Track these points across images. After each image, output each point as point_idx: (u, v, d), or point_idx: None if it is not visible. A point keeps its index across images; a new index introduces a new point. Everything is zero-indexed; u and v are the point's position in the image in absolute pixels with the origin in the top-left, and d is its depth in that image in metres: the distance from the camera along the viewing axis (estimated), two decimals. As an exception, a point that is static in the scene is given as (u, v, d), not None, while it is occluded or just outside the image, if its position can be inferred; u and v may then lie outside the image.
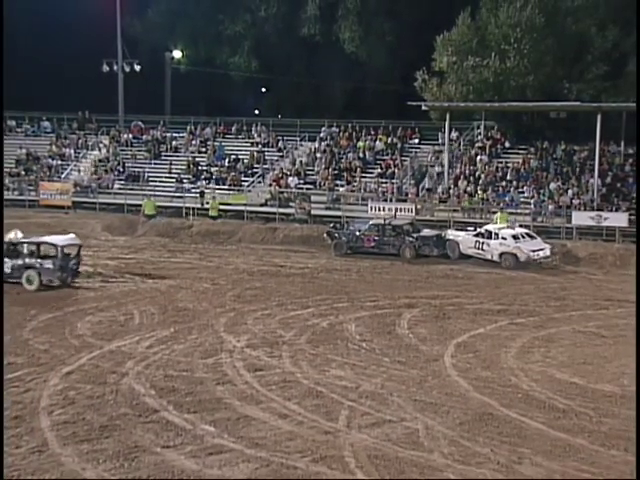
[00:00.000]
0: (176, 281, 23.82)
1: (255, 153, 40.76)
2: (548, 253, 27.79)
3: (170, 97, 53.31)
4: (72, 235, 24.62)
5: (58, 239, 23.33)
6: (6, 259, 22.11)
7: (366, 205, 34.19)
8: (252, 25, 52.00)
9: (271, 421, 12.59)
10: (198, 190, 37.65)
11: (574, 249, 29.25)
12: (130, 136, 44.09)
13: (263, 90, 57.14)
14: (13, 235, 22.92)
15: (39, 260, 22.26)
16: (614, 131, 34.53)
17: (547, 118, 38.30)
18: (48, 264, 22.20)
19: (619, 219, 30.45)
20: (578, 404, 13.45)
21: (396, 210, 32.66)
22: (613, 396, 13.94)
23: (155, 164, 41.80)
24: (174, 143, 43.11)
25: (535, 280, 25.34)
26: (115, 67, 46.71)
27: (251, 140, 42.62)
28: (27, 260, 22.21)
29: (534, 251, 27.37)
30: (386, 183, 36.43)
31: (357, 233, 29.94)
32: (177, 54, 54.46)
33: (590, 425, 12.47)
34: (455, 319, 19.78)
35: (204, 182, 38.92)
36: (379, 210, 32.80)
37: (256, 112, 54.66)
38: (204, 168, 40.36)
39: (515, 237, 27.64)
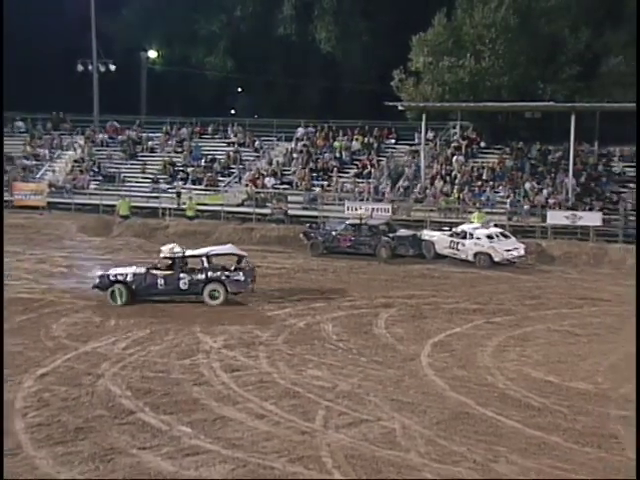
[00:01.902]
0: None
1: (231, 153, 40.63)
2: (522, 252, 27.98)
3: (146, 97, 53.03)
4: (230, 244, 23.97)
5: (231, 249, 22.54)
6: (182, 274, 20.81)
7: (343, 205, 34.23)
8: (228, 25, 51.89)
9: (248, 422, 12.57)
10: (174, 190, 37.48)
11: (549, 248, 29.50)
12: (105, 136, 43.79)
13: (239, 90, 57.04)
14: (173, 249, 21.41)
15: (226, 272, 21.12)
16: (588, 131, 34.84)
17: (522, 118, 38.58)
18: (237, 276, 21.11)
19: (593, 218, 30.72)
20: (553, 402, 13.55)
21: (372, 210, 32.71)
22: (587, 394, 14.07)
23: (131, 164, 41.56)
24: (150, 143, 42.89)
25: (510, 279, 25.51)
26: (90, 67, 46.35)
27: (227, 140, 42.49)
28: (210, 274, 20.97)
29: (508, 251, 27.56)
30: (362, 183, 36.46)
31: (333, 233, 29.98)
32: (152, 54, 54.16)
33: (564, 423, 12.58)
34: (431, 318, 19.87)
35: (180, 182, 38.73)
36: (356, 210, 32.81)
37: (232, 112, 54.51)
38: (180, 168, 40.17)
39: (489, 237, 27.80)
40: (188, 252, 21.47)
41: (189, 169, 39.92)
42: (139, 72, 52.93)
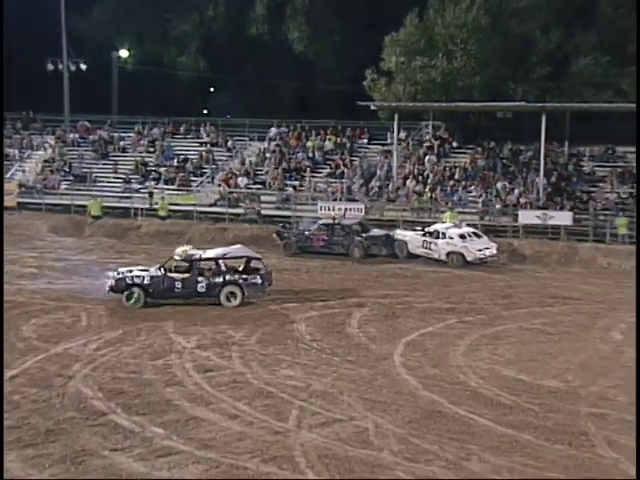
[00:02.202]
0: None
1: (204, 153, 40.48)
2: (494, 252, 28.17)
3: (117, 97, 52.59)
4: (240, 245, 23.88)
5: (244, 250, 22.55)
6: (199, 277, 20.72)
7: (316, 205, 34.25)
8: (200, 24, 51.72)
9: (221, 422, 12.54)
10: (147, 190, 37.26)
11: (520, 247, 29.72)
12: (76, 136, 43.43)
13: (211, 90, 56.82)
14: (189, 251, 21.31)
15: (243, 275, 21.16)
16: (558, 131, 35.13)
17: (494, 118, 38.84)
18: (254, 279, 21.17)
19: (564, 218, 31.00)
20: (524, 400, 13.66)
21: (345, 210, 32.75)
22: (558, 392, 14.19)
23: (102, 164, 41.26)
24: (122, 143, 42.62)
25: (483, 278, 25.67)
26: (60, 66, 45.97)
27: (200, 140, 42.35)
28: (228, 277, 20.93)
29: (480, 250, 27.73)
30: (335, 183, 36.51)
31: (306, 233, 29.99)
32: (124, 53, 53.72)
33: (536, 421, 12.68)
34: (404, 318, 19.94)
35: (153, 182, 38.50)
36: (329, 210, 32.82)
37: (205, 112, 54.28)
38: (152, 168, 39.95)
39: (462, 236, 27.96)
40: (204, 255, 21.38)
41: (161, 169, 39.72)
42: (110, 71, 52.46)
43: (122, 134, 43.32)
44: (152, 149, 41.66)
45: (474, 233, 28.55)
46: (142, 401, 13.40)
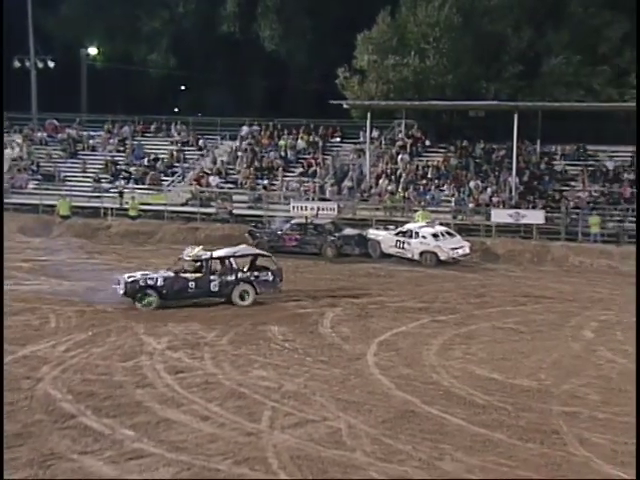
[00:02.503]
0: (94, 283, 23.31)
1: (175, 152, 40.30)
2: (467, 251, 28.34)
3: (86, 94, 52.17)
4: (244, 245, 23.98)
5: (251, 249, 22.86)
6: (212, 277, 20.78)
7: (288, 204, 34.23)
8: (170, 22, 51.42)
9: (192, 424, 12.48)
10: (117, 190, 37.01)
11: (493, 246, 29.93)
12: (44, 134, 43.02)
13: (182, 88, 56.57)
14: (199, 251, 21.26)
15: (255, 273, 21.33)
16: (530, 130, 35.42)
17: (466, 117, 39.08)
18: (266, 276, 21.42)
19: (536, 216, 31.27)
20: (497, 399, 13.75)
21: (318, 209, 32.79)
22: (530, 390, 14.30)
23: (71, 163, 40.90)
24: (91, 142, 42.23)
25: (455, 278, 25.82)
26: (27, 63, 45.54)
27: (171, 139, 42.14)
28: (240, 275, 21.09)
29: (454, 249, 27.88)
30: (308, 182, 36.52)
31: (279, 232, 29.98)
32: (92, 50, 53.32)
33: (508, 420, 12.77)
34: (377, 317, 19.99)
35: (123, 182, 38.27)
36: (301, 209, 32.85)
37: (175, 110, 54.05)
38: (122, 167, 39.70)
39: (435, 236, 28.09)
40: (215, 254, 21.42)
41: (131, 168, 39.47)
42: (79, 69, 52.07)
43: (91, 133, 42.94)
44: (122, 148, 41.38)
45: (447, 232, 28.70)
46: (112, 403, 13.31)
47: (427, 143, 38.90)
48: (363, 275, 26.10)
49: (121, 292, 20.58)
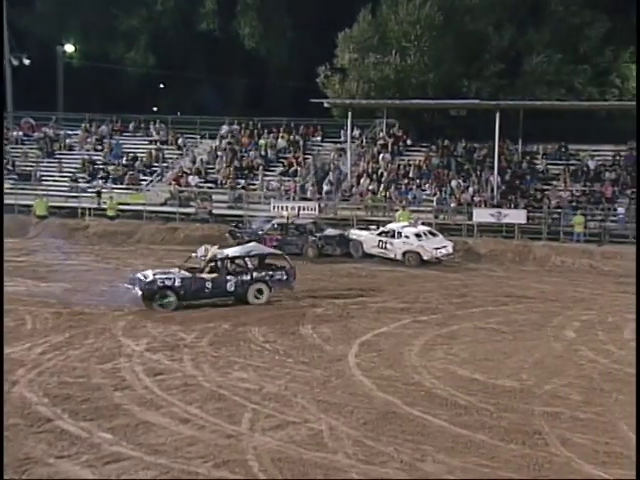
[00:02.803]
0: (71, 284, 23.22)
1: (154, 151, 40.17)
2: (450, 250, 28.43)
3: (63, 93, 51.82)
4: (254, 243, 24.32)
5: (262, 248, 23.39)
6: (228, 276, 21.10)
7: (269, 204, 34.19)
8: (148, 19, 51.19)
9: (172, 426, 12.43)
10: (94, 189, 36.85)
11: (475, 246, 30.04)
12: (20, 133, 42.74)
13: (161, 86, 56.36)
14: (214, 250, 21.53)
15: (269, 272, 21.79)
16: (512, 129, 35.57)
17: (448, 116, 39.20)
18: (280, 275, 21.95)
19: (518, 216, 31.44)
20: (479, 400, 13.79)
21: (299, 209, 32.78)
22: (512, 391, 14.35)
23: (48, 162, 40.68)
24: (68, 141, 42.04)
25: (437, 277, 25.89)
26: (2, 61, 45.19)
27: (149, 138, 42.02)
28: (255, 274, 21.49)
29: (437, 249, 27.95)
30: (289, 181, 36.50)
31: (260, 233, 29.94)
32: (69, 48, 52.90)
33: (490, 420, 12.80)
34: (359, 318, 20.00)
35: (101, 181, 38.13)
36: (282, 209, 32.83)
37: (154, 109, 53.83)
38: (100, 167, 39.55)
39: (418, 235, 28.15)
40: (231, 254, 21.88)
41: (109, 167, 39.31)
42: (55, 67, 51.71)
43: (68, 131, 42.76)
44: (100, 147, 41.21)
45: (429, 232, 28.77)
46: (90, 406, 13.22)
47: (408, 142, 39.00)
48: (344, 275, 26.11)
49: (139, 293, 20.52)
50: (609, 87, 38.25)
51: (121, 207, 34.98)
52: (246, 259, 21.87)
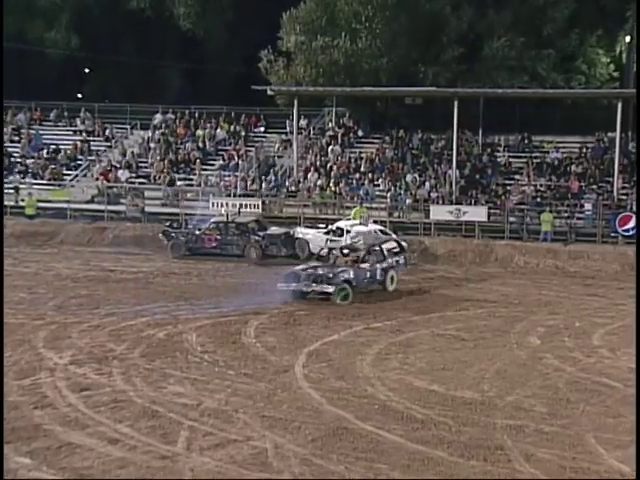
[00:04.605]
0: (-15, 291, 22.85)
1: (79, 143, 39.84)
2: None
3: (-26, 77, 50.95)
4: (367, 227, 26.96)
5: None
6: (377, 265, 23.44)
7: (207, 201, 34.07)
8: (71, -6, 50.60)
9: (99, 447, 12.29)
10: (11, 185, 36.37)
11: (432, 246, 30.32)
12: None
13: (86, 71, 55.72)
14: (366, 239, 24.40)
15: (396, 258, 24.34)
16: (471, 119, 35.98)
17: (402, 104, 39.46)
18: (402, 260, 24.68)
19: (478, 213, 31.77)
20: (437, 413, 13.89)
21: (240, 206, 32.72)
22: (473, 403, 14.49)
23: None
24: (-20, 131, 41.46)
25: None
26: None
27: (73, 128, 41.68)
28: (390, 261, 23.95)
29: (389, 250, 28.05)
30: (229, 176, 36.44)
31: (197, 232, 29.85)
32: (-21, 26, 52.06)
33: (449, 435, 12.91)
34: (306, 325, 20.03)
35: (18, 176, 37.71)
36: (221, 206, 32.75)
37: (79, 96, 53.26)
38: (18, 160, 39.06)
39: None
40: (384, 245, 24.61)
41: (28, 161, 38.92)
42: (-35, 48, 50.77)
43: (-19, 121, 42.08)
44: (17, 138, 40.74)
45: (381, 231, 28.92)
46: (6, 427, 12.96)
47: (360, 133, 39.24)
48: (291, 279, 26.10)
49: (332, 291, 22.07)
50: (575, 73, 38.92)
51: (41, 205, 34.59)
52: (382, 246, 24.26)
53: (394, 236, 26.25)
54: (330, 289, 22.08)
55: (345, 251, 23.89)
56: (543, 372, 16.49)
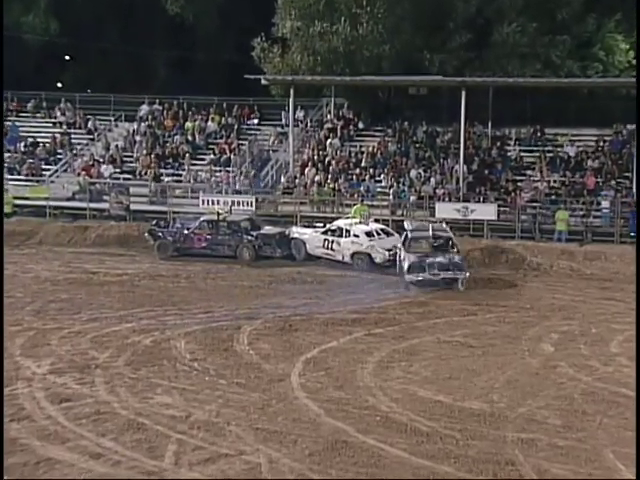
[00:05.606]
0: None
1: (58, 136, 39.81)
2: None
3: (-55, 65, 50.94)
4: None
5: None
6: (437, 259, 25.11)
7: (197, 198, 34.07)
8: (51, -24, 50.62)
9: (80, 463, 12.31)
10: (-15, 182, 36.39)
11: (438, 246, 30.25)
12: None
13: (67, 58, 55.70)
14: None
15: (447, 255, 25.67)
16: (480, 110, 35.93)
17: (406, 95, 39.42)
18: (445, 259, 25.45)
19: (487, 211, 31.71)
20: (443, 426, 13.91)
21: (232, 204, 32.73)
22: (481, 415, 14.50)
23: None
24: (-47, 123, 41.47)
25: (394, 283, 26.00)
26: None
27: (53, 120, 41.68)
28: (445, 257, 25.41)
29: (390, 250, 28.06)
30: (220, 172, 36.45)
31: (186, 231, 29.85)
32: (-48, 10, 52.07)
33: (456, 449, 12.92)
34: (303, 331, 20.03)
35: (-6, 171, 37.66)
36: (212, 204, 32.74)
37: (59, 85, 53.24)
38: (-7, 154, 39.05)
39: (369, 234, 28.26)
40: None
41: (4, 155, 38.78)
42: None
43: (-46, 112, 42.11)
44: (-8, 130, 40.69)
45: (383, 230, 28.93)
46: (-19, 441, 13.03)
47: (360, 125, 39.23)
48: (286, 281, 26.14)
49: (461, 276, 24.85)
50: (591, 61, 38.80)
51: (18, 202, 34.57)
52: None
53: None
54: (461, 275, 24.86)
55: (432, 240, 26.08)
56: (557, 382, 16.51)
